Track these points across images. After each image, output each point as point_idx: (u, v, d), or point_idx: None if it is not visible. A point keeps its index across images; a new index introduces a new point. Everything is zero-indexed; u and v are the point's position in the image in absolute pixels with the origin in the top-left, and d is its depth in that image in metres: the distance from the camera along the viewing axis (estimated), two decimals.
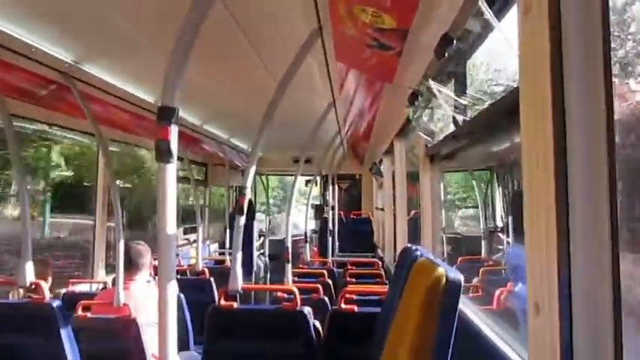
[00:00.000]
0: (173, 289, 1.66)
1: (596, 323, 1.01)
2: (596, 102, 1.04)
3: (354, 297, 3.16)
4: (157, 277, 3.78)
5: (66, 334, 2.84)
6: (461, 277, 1.67)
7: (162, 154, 1.60)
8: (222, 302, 2.90)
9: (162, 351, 1.68)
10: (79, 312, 3.05)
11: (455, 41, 1.91)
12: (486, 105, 2.03)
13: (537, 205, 1.11)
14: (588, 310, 1.02)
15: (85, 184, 11.88)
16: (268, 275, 8.31)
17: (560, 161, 1.05)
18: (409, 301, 1.83)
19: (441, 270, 1.67)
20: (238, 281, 2.84)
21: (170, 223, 1.62)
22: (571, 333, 1.03)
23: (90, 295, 3.62)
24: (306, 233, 6.22)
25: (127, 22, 2.62)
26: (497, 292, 2.84)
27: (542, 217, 1.09)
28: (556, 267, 1.04)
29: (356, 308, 3.00)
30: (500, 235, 6.57)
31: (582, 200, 1.03)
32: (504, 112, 1.79)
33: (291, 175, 4.88)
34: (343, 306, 3.02)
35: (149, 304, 3.18)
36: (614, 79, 1.06)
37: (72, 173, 12.99)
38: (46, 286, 2.94)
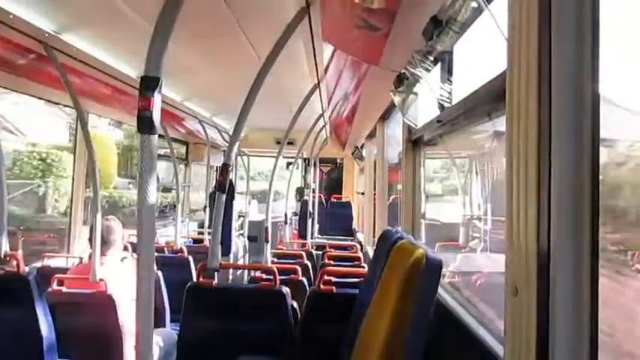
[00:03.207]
0: (152, 263, 1.64)
1: (574, 305, 1.03)
2: (583, 87, 1.04)
3: (333, 279, 3.17)
4: (134, 254, 3.78)
5: (41, 308, 2.80)
6: (441, 258, 1.68)
7: (145, 124, 1.57)
8: (201, 279, 2.88)
9: (139, 326, 1.66)
10: (54, 286, 3.01)
11: (443, 24, 1.90)
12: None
13: (518, 185, 1.12)
14: (566, 293, 1.03)
15: None
16: (247, 256, 8.30)
17: (543, 145, 1.05)
18: (389, 282, 1.85)
19: (421, 251, 1.68)
20: (218, 257, 2.83)
21: (150, 196, 1.59)
22: (547, 314, 1.04)
23: (64, 270, 3.58)
24: (286, 215, 6.22)
25: None
26: (474, 277, 2.88)
27: (523, 198, 1.09)
28: (535, 249, 1.05)
29: (334, 289, 3.01)
30: (477, 222, 6.63)
31: (564, 183, 1.04)
32: (490, 97, 1.79)
33: (273, 156, 4.84)
34: (322, 287, 3.03)
35: (123, 280, 3.16)
36: (601, 65, 1.06)
37: None
38: (21, 258, 2.90)
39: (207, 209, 7.20)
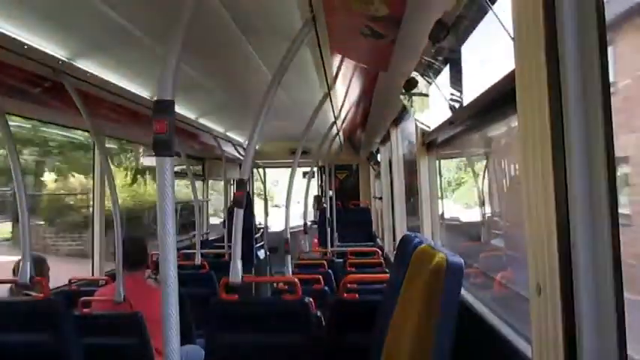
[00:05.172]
0: (174, 282, 1.65)
1: (598, 301, 1.02)
2: (592, 79, 1.04)
3: (356, 286, 3.16)
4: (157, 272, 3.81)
5: (68, 331, 2.84)
6: (462, 261, 1.68)
7: (160, 147, 1.59)
8: (224, 295, 2.90)
9: (166, 345, 1.68)
10: (81, 308, 3.05)
11: (449, 27, 1.91)
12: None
13: (535, 184, 1.11)
14: (589, 289, 1.02)
15: None
16: (269, 267, 8.31)
17: (557, 141, 1.04)
18: (411, 287, 1.84)
19: (441, 255, 1.68)
20: (239, 273, 2.84)
21: (169, 217, 1.61)
22: (573, 312, 1.03)
23: (89, 292, 3.62)
24: (305, 224, 6.22)
25: (121, 17, 2.59)
26: (499, 276, 2.85)
27: (541, 197, 1.08)
28: (556, 247, 1.05)
29: (357, 296, 3.01)
30: (497, 219, 6.56)
31: (580, 179, 1.03)
32: (501, 96, 1.79)
33: (289, 167, 4.86)
34: (345, 295, 3.02)
35: (150, 298, 3.19)
36: (609, 55, 1.06)
37: None
38: (46, 282, 2.95)
39: (227, 223, 7.24)
